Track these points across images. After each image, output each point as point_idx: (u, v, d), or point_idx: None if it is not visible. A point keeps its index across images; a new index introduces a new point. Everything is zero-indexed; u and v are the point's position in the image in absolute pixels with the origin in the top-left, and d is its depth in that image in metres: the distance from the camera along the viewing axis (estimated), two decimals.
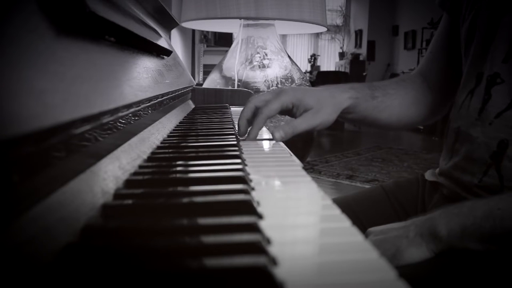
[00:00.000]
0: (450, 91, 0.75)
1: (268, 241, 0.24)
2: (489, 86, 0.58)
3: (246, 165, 0.43)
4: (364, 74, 7.07)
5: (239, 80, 1.68)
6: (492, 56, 0.58)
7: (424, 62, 0.78)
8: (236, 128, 0.64)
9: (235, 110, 0.99)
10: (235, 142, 0.54)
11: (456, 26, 0.69)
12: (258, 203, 0.31)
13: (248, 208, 0.29)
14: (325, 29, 1.73)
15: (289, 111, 0.63)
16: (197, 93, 1.17)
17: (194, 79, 2.49)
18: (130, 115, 0.43)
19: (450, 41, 0.72)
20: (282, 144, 0.59)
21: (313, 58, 8.27)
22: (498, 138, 0.55)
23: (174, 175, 0.39)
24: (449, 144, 0.65)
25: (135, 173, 0.37)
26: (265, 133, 0.70)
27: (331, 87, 0.66)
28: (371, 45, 8.02)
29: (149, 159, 0.44)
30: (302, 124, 0.60)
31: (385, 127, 0.74)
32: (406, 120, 0.74)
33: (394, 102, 0.71)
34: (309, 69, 7.98)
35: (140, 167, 0.40)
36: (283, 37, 7.70)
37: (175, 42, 3.83)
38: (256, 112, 0.61)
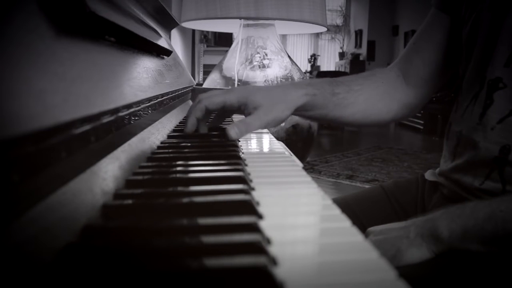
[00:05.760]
0: (430, 87, 0.72)
1: (268, 241, 0.24)
2: (491, 91, 0.57)
3: (246, 165, 0.43)
4: None
5: (239, 80, 1.68)
6: (494, 60, 0.57)
7: (404, 54, 0.74)
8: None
9: None
10: (235, 142, 0.54)
11: (451, 23, 0.67)
12: (258, 203, 0.31)
13: (248, 208, 0.29)
14: (325, 29, 1.73)
15: (238, 110, 0.61)
16: (197, 93, 1.16)
17: (194, 79, 2.49)
18: (130, 115, 0.43)
19: (439, 35, 0.69)
20: (282, 144, 0.59)
21: (313, 58, 8.28)
22: (501, 144, 0.55)
23: (174, 175, 0.39)
24: (451, 147, 0.64)
25: (135, 173, 0.37)
26: (265, 134, 0.70)
27: (286, 84, 0.65)
28: (371, 45, 8.02)
29: (149, 159, 0.44)
30: (255, 121, 0.58)
31: (351, 124, 0.71)
32: (375, 116, 0.71)
33: (359, 98, 0.68)
34: (309, 69, 7.99)
35: (140, 167, 0.40)
36: (283, 37, 7.70)
37: (175, 42, 3.84)
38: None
